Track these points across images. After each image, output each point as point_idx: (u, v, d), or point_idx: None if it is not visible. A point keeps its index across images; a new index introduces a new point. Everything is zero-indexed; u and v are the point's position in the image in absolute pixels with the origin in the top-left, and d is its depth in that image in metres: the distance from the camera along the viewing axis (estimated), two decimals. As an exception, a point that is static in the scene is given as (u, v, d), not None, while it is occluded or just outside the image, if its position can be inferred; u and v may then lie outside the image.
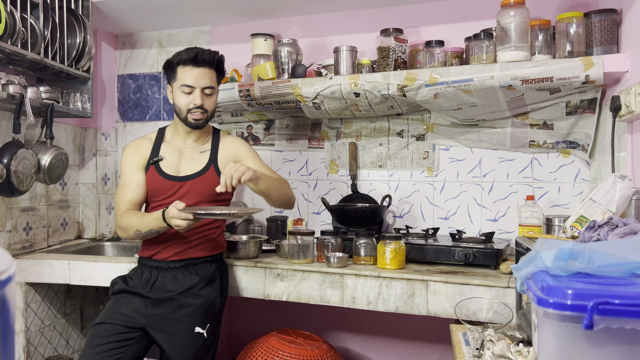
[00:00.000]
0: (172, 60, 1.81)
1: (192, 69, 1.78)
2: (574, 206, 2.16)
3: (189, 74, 1.78)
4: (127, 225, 1.76)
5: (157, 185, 1.85)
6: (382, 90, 2.11)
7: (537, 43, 1.96)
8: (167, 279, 1.83)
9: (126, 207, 1.81)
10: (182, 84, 1.78)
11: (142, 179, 1.85)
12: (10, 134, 2.11)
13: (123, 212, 1.80)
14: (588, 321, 0.80)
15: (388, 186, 2.50)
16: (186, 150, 1.90)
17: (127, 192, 1.83)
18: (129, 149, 1.91)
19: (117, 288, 1.85)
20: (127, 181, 1.85)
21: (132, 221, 1.75)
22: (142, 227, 1.73)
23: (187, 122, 1.84)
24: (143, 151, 1.89)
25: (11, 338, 0.52)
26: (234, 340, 2.93)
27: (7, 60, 2.11)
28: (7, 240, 2.28)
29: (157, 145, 1.91)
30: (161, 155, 1.87)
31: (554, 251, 0.95)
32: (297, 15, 2.60)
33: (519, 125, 2.22)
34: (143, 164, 1.87)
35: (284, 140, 2.67)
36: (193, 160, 1.89)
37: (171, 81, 1.84)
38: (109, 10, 2.57)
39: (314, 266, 1.99)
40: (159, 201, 1.85)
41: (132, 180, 1.85)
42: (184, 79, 1.78)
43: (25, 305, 2.24)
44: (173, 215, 1.62)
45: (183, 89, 1.79)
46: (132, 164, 1.87)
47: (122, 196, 1.83)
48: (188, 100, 1.80)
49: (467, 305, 1.66)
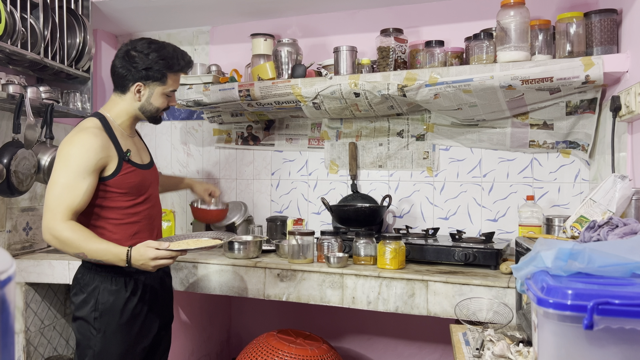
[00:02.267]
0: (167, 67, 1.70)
1: (179, 75, 1.78)
2: (574, 206, 2.16)
3: (176, 79, 1.76)
4: (70, 241, 1.53)
5: (138, 179, 1.71)
6: (382, 90, 2.11)
7: (537, 43, 1.96)
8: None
9: (66, 215, 1.54)
10: (172, 89, 1.75)
11: (93, 186, 1.59)
12: (10, 134, 2.11)
13: (63, 222, 1.54)
14: (588, 321, 0.80)
15: (388, 186, 2.50)
16: (133, 139, 1.81)
17: (72, 198, 1.55)
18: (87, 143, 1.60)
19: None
20: (75, 185, 1.56)
21: (78, 240, 1.53)
22: (90, 254, 1.54)
23: (155, 119, 1.79)
24: (105, 148, 1.62)
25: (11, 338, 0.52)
26: (234, 340, 2.93)
27: (7, 60, 2.11)
28: (7, 240, 2.28)
29: (113, 137, 1.68)
30: (128, 148, 1.72)
31: (554, 251, 0.95)
32: (297, 15, 2.60)
33: (519, 125, 2.22)
34: (101, 164, 1.61)
35: (284, 140, 2.67)
36: (142, 148, 1.84)
37: (153, 83, 1.71)
38: (109, 10, 2.57)
39: (314, 266, 1.99)
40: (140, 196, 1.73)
41: (82, 185, 1.56)
42: (175, 85, 1.76)
43: (25, 305, 2.24)
44: (158, 256, 1.52)
45: (169, 93, 1.75)
46: (89, 165, 1.58)
47: (64, 200, 1.55)
48: (166, 102, 1.76)
49: (467, 305, 1.66)
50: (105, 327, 1.65)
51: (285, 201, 2.68)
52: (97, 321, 1.65)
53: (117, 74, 1.71)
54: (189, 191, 2.75)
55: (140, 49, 1.68)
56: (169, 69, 1.70)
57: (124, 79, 1.70)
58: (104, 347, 1.65)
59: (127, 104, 1.72)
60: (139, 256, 1.53)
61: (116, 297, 1.66)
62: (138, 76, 1.68)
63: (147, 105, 1.73)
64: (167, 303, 1.88)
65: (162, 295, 1.84)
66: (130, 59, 1.68)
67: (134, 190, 1.70)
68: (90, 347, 1.65)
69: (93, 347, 1.65)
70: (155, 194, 1.84)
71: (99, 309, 1.65)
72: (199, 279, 2.14)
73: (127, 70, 1.68)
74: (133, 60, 1.68)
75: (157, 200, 1.85)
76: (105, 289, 1.66)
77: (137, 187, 1.71)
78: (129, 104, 1.72)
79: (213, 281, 2.12)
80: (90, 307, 1.65)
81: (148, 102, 1.72)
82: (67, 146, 1.61)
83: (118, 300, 1.66)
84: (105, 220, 1.67)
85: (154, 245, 1.54)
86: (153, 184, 1.82)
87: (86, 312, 1.66)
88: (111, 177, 1.64)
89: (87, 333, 1.66)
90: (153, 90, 1.71)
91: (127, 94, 1.71)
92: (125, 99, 1.72)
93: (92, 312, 1.65)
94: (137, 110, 1.73)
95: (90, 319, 1.65)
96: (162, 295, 1.83)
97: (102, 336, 1.64)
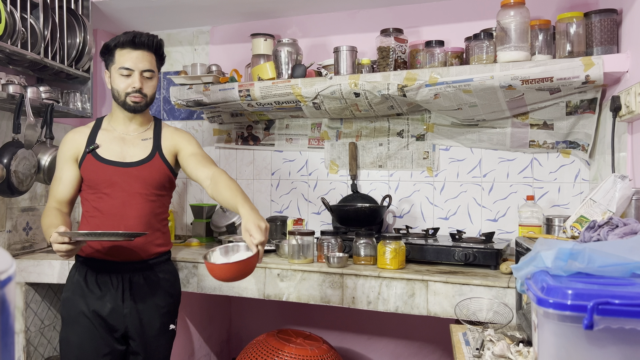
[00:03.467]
0: (110, 43, 1.76)
1: (131, 52, 1.75)
2: (574, 206, 2.16)
3: (127, 56, 1.74)
4: (43, 227, 1.70)
5: (96, 172, 1.75)
6: (382, 90, 2.11)
7: (537, 43, 1.96)
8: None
9: (52, 204, 1.76)
10: (121, 66, 1.74)
11: (71, 175, 1.78)
12: (10, 134, 2.11)
13: (46, 209, 1.75)
14: (588, 321, 0.80)
15: (388, 186, 2.50)
16: (128, 137, 1.82)
17: (55, 187, 1.78)
18: (63, 140, 1.82)
19: None
20: (57, 176, 1.80)
21: (43, 225, 1.70)
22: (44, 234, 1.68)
23: (125, 105, 1.77)
24: (77, 141, 1.80)
25: (11, 338, 0.52)
26: (234, 340, 2.93)
27: (7, 60, 2.11)
28: (7, 240, 2.28)
29: (94, 133, 1.82)
30: (97, 143, 1.78)
31: (554, 251, 0.95)
32: (297, 15, 2.60)
33: (519, 125, 2.22)
34: (76, 156, 1.79)
35: (284, 140, 2.67)
36: (136, 147, 1.82)
37: (109, 65, 1.78)
38: (109, 10, 2.57)
39: (314, 266, 1.99)
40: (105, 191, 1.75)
41: (61, 174, 1.79)
42: (122, 61, 1.74)
43: (25, 305, 2.24)
44: (53, 240, 1.52)
45: (121, 71, 1.74)
46: (63, 157, 1.80)
47: (51, 191, 1.80)
48: (127, 84, 1.75)
49: (467, 306, 1.66)
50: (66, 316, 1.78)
51: (285, 201, 2.68)
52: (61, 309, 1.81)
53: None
54: (188, 191, 2.74)
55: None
56: (113, 45, 1.76)
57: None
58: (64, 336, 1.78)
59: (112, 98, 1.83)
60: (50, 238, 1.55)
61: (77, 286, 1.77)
62: (105, 64, 1.82)
63: (113, 91, 1.79)
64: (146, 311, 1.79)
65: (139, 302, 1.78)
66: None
67: (94, 183, 1.76)
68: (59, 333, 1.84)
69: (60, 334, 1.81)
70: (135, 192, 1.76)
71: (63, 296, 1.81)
72: (199, 279, 2.14)
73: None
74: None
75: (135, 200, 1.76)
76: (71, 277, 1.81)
77: (96, 181, 1.75)
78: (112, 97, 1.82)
79: (213, 281, 2.12)
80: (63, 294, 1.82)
81: (112, 86, 1.79)
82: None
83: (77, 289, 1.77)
84: (84, 212, 1.82)
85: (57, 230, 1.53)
86: (132, 183, 1.75)
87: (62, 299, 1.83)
88: (79, 168, 1.79)
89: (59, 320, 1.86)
90: (111, 72, 1.78)
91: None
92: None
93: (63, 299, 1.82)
94: (114, 103, 1.82)
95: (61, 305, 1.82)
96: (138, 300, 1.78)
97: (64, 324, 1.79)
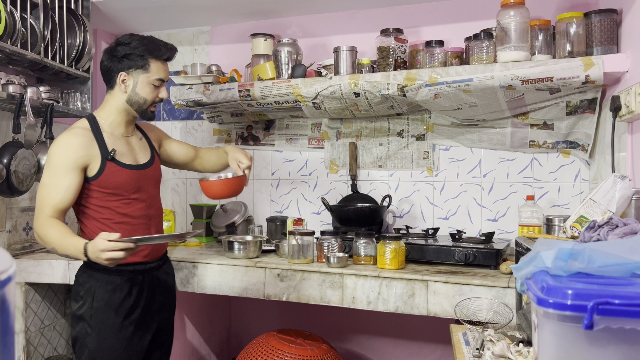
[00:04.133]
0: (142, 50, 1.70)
1: (165, 64, 1.77)
2: (574, 206, 2.16)
3: (163, 67, 1.75)
4: (46, 238, 1.58)
5: (122, 178, 1.69)
6: (382, 90, 2.11)
7: (537, 43, 1.96)
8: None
9: (49, 213, 1.59)
10: (157, 77, 1.73)
11: (76, 183, 1.62)
12: (10, 134, 2.11)
13: (45, 220, 1.59)
14: (588, 321, 0.80)
15: (388, 186, 2.50)
16: (129, 138, 1.80)
17: (54, 196, 1.60)
18: (62, 145, 1.63)
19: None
20: (56, 184, 1.60)
21: (52, 236, 1.56)
22: (61, 250, 1.56)
23: (145, 113, 1.77)
24: (86, 148, 1.64)
25: (11, 338, 0.52)
26: (234, 340, 2.93)
27: (7, 60, 2.11)
28: (7, 240, 2.28)
29: (99, 137, 1.69)
30: (113, 148, 1.70)
31: (554, 251, 0.95)
32: (297, 15, 2.60)
33: (519, 125, 2.22)
34: (86, 163, 1.64)
35: (284, 140, 2.67)
36: (140, 148, 1.82)
37: (136, 71, 1.72)
38: (109, 10, 2.57)
39: (314, 266, 1.99)
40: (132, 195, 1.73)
41: (63, 183, 1.60)
42: (158, 72, 1.74)
43: (25, 305, 2.24)
44: (106, 248, 1.43)
45: (155, 82, 1.73)
46: (67, 164, 1.61)
47: (46, 199, 1.60)
48: (155, 94, 1.75)
49: (467, 306, 1.66)
50: (99, 326, 1.67)
51: (285, 201, 2.68)
52: (92, 319, 1.67)
53: (103, 69, 1.75)
54: (188, 191, 2.76)
55: (122, 40, 1.72)
56: (149, 54, 1.71)
57: (109, 72, 1.73)
58: (99, 346, 1.66)
59: (115, 99, 1.74)
60: (93, 248, 1.46)
61: (110, 296, 1.68)
62: (121, 66, 1.71)
63: (133, 96, 1.73)
64: (167, 305, 1.87)
65: (162, 297, 1.84)
66: (112, 51, 1.72)
67: (121, 191, 1.70)
68: (86, 345, 1.67)
69: (88, 346, 1.67)
70: (153, 193, 1.83)
71: (94, 307, 1.67)
72: (199, 279, 2.14)
73: (111, 62, 1.72)
74: (115, 50, 1.71)
75: (154, 200, 1.83)
76: (101, 288, 1.68)
77: (124, 187, 1.70)
78: (117, 98, 1.74)
79: (213, 281, 2.12)
80: (87, 305, 1.68)
81: (134, 92, 1.73)
82: (52, 147, 1.65)
83: (112, 299, 1.68)
84: (98, 221, 1.69)
85: (105, 237, 1.45)
86: (149, 184, 1.80)
87: (83, 310, 1.68)
88: (96, 177, 1.66)
89: (83, 331, 1.68)
90: (137, 79, 1.72)
91: (115, 88, 1.74)
92: (114, 94, 1.74)
93: (88, 310, 1.68)
94: (124, 104, 1.74)
95: (86, 317, 1.68)
96: (161, 297, 1.83)
97: (97, 335, 1.66)
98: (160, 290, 1.83)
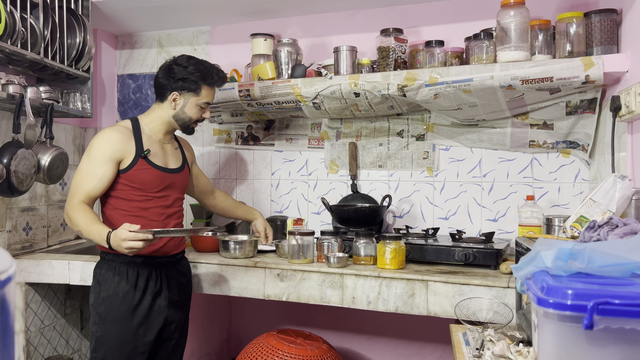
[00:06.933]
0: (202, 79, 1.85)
1: (214, 89, 1.93)
2: (574, 206, 2.16)
3: (211, 92, 1.92)
4: (75, 220, 1.71)
5: (149, 176, 1.83)
6: (382, 90, 2.11)
7: (537, 43, 1.96)
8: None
9: (81, 198, 1.74)
10: (206, 101, 1.90)
11: (110, 174, 1.77)
12: (10, 134, 2.11)
13: (77, 204, 1.73)
14: (588, 321, 0.80)
15: (388, 186, 2.50)
16: (165, 145, 1.95)
17: (89, 183, 1.75)
18: (103, 138, 1.80)
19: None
20: (92, 172, 1.76)
21: (80, 220, 1.69)
22: (86, 234, 1.69)
23: (188, 129, 1.95)
24: (124, 143, 1.80)
25: (11, 338, 0.52)
26: (234, 340, 2.93)
27: (7, 60, 2.11)
28: (7, 240, 2.28)
29: (138, 137, 1.85)
30: (148, 148, 1.85)
31: (554, 251, 0.95)
32: (297, 15, 2.60)
33: (519, 125, 2.22)
34: (121, 157, 1.79)
35: (284, 140, 2.67)
36: (173, 155, 1.96)
37: (187, 93, 1.87)
38: (109, 10, 2.57)
39: (314, 266, 1.99)
40: (154, 194, 1.85)
41: (98, 171, 1.76)
42: (207, 97, 1.90)
43: (25, 305, 2.24)
44: (127, 237, 1.56)
45: (203, 105, 1.90)
46: (104, 155, 1.76)
47: (81, 185, 1.75)
48: (200, 114, 1.92)
49: (467, 305, 1.66)
50: (106, 315, 1.79)
51: (285, 201, 2.68)
52: (100, 308, 1.80)
53: (157, 84, 1.91)
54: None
55: (180, 62, 1.87)
56: (203, 81, 1.87)
57: (163, 88, 1.89)
58: (104, 334, 1.78)
59: (162, 111, 1.90)
60: (115, 237, 1.60)
61: (117, 286, 1.79)
62: (175, 86, 1.86)
63: (180, 114, 1.89)
64: (178, 302, 1.93)
65: (172, 293, 1.90)
66: (170, 71, 1.87)
67: (146, 187, 1.83)
68: (94, 334, 1.80)
69: (95, 334, 1.80)
70: (176, 197, 1.95)
71: (101, 296, 1.80)
72: (199, 279, 2.14)
73: (167, 80, 1.87)
74: (172, 71, 1.86)
75: (176, 204, 1.95)
76: (109, 278, 1.80)
77: (149, 185, 1.83)
78: (164, 111, 1.90)
79: (213, 281, 2.12)
80: (96, 294, 1.82)
81: (182, 111, 1.89)
82: (94, 139, 1.81)
83: (118, 289, 1.79)
84: (117, 210, 1.83)
85: (127, 227, 1.57)
86: (176, 187, 1.94)
87: (93, 299, 1.83)
88: (125, 170, 1.80)
89: (93, 319, 1.81)
90: (188, 100, 1.88)
91: (165, 102, 1.89)
92: (162, 106, 1.90)
93: (97, 298, 1.81)
94: (170, 118, 1.90)
95: (95, 305, 1.81)
96: (171, 293, 1.90)
97: (103, 323, 1.79)
98: (171, 286, 1.90)
